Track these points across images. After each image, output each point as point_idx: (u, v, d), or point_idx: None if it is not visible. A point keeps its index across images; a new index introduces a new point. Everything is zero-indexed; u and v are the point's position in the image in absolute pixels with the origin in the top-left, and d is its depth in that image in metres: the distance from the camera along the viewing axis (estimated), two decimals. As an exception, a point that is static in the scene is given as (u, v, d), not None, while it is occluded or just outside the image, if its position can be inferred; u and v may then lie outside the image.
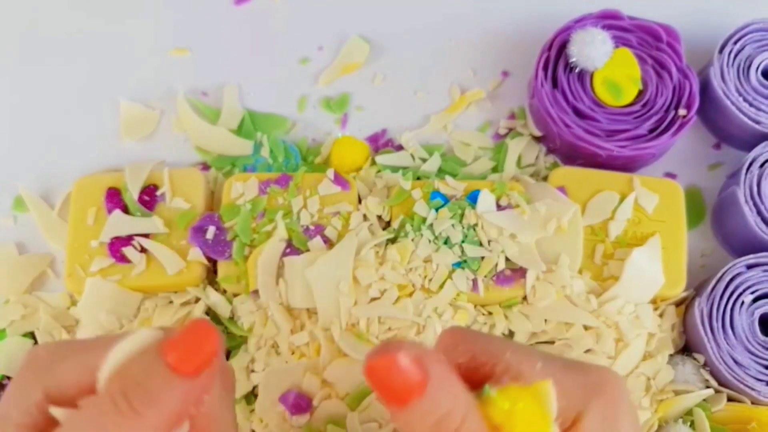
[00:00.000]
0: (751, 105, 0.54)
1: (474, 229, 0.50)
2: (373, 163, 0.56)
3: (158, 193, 0.52)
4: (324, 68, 0.59)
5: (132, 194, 0.52)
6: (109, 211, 0.51)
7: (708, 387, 0.50)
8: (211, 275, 0.52)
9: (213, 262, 0.52)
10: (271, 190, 0.52)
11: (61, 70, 0.59)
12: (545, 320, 0.49)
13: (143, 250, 0.51)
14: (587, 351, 0.49)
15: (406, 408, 0.30)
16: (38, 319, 0.52)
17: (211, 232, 0.51)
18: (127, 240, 0.51)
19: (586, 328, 0.49)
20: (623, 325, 0.49)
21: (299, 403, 0.48)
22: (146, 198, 0.52)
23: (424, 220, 0.50)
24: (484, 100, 0.58)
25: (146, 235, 0.51)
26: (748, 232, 0.51)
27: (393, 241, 0.50)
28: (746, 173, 0.52)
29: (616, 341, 0.49)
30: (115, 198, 0.52)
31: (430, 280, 0.49)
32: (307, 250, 0.50)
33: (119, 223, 0.51)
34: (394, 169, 0.55)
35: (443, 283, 0.49)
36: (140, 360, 0.31)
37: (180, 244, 0.51)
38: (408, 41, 0.59)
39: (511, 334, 0.50)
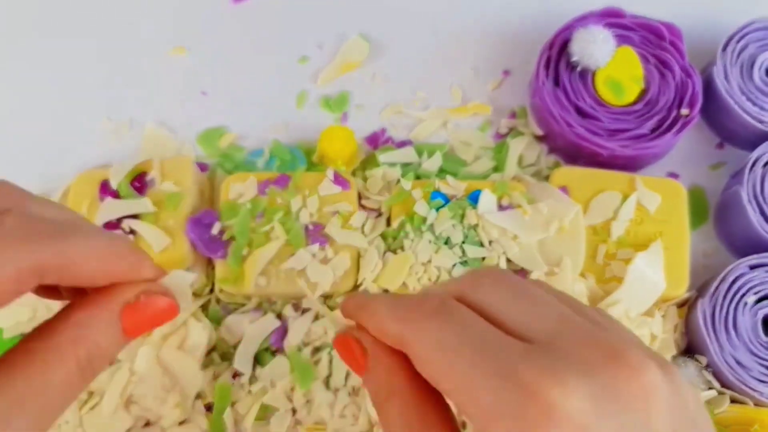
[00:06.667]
0: (754, 104, 0.53)
1: (475, 230, 0.50)
2: (374, 161, 0.55)
3: (147, 178, 0.51)
4: (323, 67, 0.58)
5: (114, 183, 0.51)
6: (102, 201, 0.51)
7: (710, 389, 0.49)
8: (209, 272, 0.52)
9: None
10: (270, 191, 0.51)
11: (59, 70, 0.59)
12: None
13: (132, 232, 0.50)
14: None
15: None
16: (35, 321, 0.52)
17: (207, 228, 0.50)
18: (117, 224, 0.50)
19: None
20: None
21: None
22: (137, 185, 0.51)
23: (424, 220, 0.50)
24: (485, 100, 0.58)
25: (137, 217, 0.50)
26: (751, 232, 0.51)
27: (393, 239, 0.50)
28: (749, 173, 0.52)
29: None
30: (107, 188, 0.51)
31: (434, 283, 0.49)
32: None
33: (110, 208, 0.50)
34: (393, 165, 0.54)
35: None
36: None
37: (168, 224, 0.50)
38: (408, 40, 0.59)
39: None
